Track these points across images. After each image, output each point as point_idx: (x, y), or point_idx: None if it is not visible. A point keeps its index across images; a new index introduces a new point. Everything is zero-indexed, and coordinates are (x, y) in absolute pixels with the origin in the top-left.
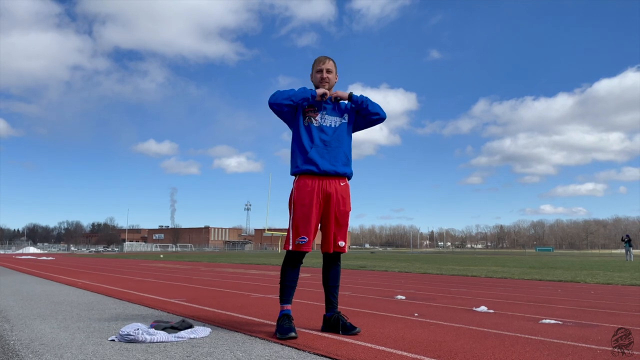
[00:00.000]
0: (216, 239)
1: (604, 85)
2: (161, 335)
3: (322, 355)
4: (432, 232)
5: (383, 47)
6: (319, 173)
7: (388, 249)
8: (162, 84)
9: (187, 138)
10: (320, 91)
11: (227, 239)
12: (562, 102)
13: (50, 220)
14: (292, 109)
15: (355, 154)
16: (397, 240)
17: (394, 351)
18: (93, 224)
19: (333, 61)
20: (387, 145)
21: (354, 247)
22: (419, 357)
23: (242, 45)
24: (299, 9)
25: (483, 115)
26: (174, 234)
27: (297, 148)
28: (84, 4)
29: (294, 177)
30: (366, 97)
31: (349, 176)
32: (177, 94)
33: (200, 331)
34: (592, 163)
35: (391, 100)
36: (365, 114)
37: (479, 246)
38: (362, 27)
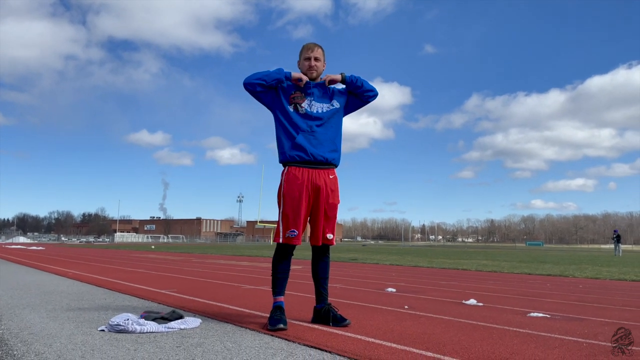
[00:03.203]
0: (208, 230)
1: (596, 82)
2: (151, 326)
3: (312, 347)
4: (423, 225)
5: (378, 41)
6: (307, 159)
7: (380, 242)
8: (156, 74)
9: (181, 129)
10: (296, 75)
11: (219, 231)
12: (554, 98)
13: (41, 210)
14: (266, 90)
15: (348, 147)
16: (388, 234)
17: (383, 343)
18: (84, 214)
19: (321, 48)
20: (380, 139)
21: (346, 239)
22: (407, 348)
23: (238, 36)
24: (296, 1)
25: (475, 110)
26: (166, 225)
27: (284, 134)
28: None
29: (282, 167)
30: (358, 76)
31: (336, 163)
32: (171, 85)
33: (191, 322)
34: (583, 159)
35: (385, 94)
36: (360, 93)
37: (470, 240)
38: (357, 21)
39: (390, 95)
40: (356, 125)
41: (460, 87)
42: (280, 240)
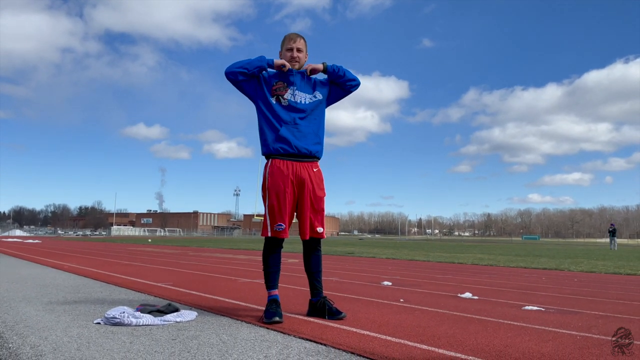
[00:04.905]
0: (205, 224)
1: (593, 77)
2: (147, 319)
3: (307, 339)
4: (420, 219)
5: (376, 34)
6: (292, 152)
7: (376, 235)
8: (153, 67)
9: (178, 122)
10: (278, 61)
11: (215, 224)
12: (551, 93)
13: (37, 203)
14: (248, 79)
15: (346, 140)
16: (385, 227)
17: (378, 335)
18: (80, 208)
19: (304, 39)
20: (378, 132)
21: (343, 233)
22: (402, 341)
23: (236, 30)
24: None
25: (473, 105)
26: (162, 219)
27: (267, 126)
28: None
29: (265, 160)
30: (340, 65)
31: (319, 156)
32: (168, 78)
33: (187, 315)
34: (580, 153)
35: (383, 88)
36: (342, 83)
37: (467, 234)
38: (355, 15)
39: (387, 89)
40: (353, 119)
41: (457, 81)
42: (269, 234)
